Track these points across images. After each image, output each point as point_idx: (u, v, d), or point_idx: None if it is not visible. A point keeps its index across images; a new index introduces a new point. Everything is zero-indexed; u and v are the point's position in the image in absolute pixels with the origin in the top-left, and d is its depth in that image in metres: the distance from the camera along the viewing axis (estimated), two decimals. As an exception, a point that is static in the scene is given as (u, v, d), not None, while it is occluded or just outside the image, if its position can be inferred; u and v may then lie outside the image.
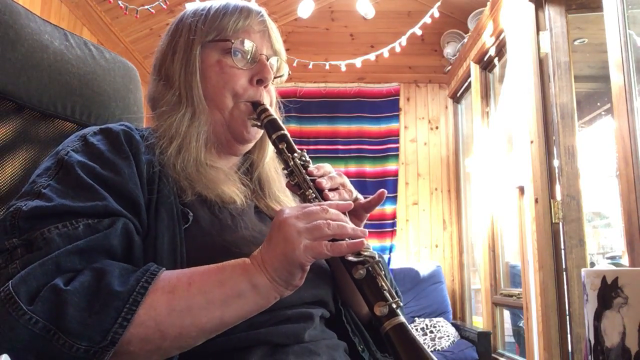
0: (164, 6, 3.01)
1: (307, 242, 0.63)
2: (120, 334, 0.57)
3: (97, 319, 0.57)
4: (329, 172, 0.78)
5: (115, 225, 0.66)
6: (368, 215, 0.82)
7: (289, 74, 0.96)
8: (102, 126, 0.79)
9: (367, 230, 0.69)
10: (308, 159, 0.79)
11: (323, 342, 0.76)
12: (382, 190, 0.79)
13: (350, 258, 0.65)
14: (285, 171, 0.78)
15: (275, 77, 0.90)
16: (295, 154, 0.78)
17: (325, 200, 0.73)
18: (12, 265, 0.60)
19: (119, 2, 2.94)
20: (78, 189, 0.67)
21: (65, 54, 0.97)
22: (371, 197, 0.79)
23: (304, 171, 0.76)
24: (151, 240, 0.70)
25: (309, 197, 0.73)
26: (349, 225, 0.66)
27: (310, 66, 3.86)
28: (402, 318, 0.62)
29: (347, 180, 0.79)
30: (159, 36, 4.29)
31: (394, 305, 0.62)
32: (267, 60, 0.86)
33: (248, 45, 0.84)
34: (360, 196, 0.81)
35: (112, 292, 0.58)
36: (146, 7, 2.96)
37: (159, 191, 0.74)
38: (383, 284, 0.65)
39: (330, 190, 0.75)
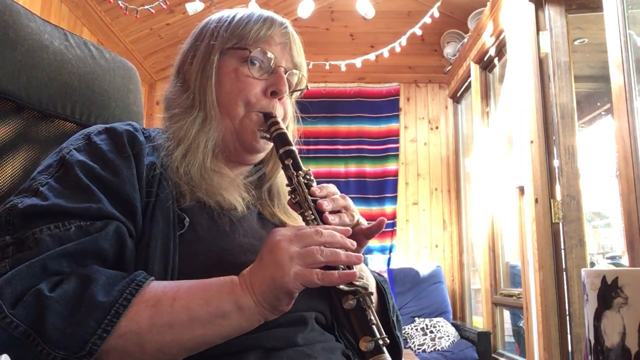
0: (164, 6, 3.01)
1: (298, 268, 0.61)
2: (99, 345, 0.56)
3: (77, 328, 0.56)
4: (332, 194, 0.76)
5: (107, 228, 0.65)
6: (368, 241, 0.80)
7: None
8: (107, 125, 0.78)
9: (362, 255, 0.67)
10: (313, 178, 0.77)
11: (319, 344, 0.75)
12: (381, 218, 0.77)
13: (342, 286, 0.64)
14: (289, 188, 0.77)
15: (294, 91, 0.89)
16: (300, 172, 0.76)
17: (324, 223, 0.71)
18: (1, 264, 0.60)
19: (119, 2, 2.94)
20: (75, 190, 0.67)
21: (65, 54, 0.97)
22: (371, 224, 0.78)
23: (306, 190, 0.74)
24: (144, 245, 0.69)
25: (308, 218, 0.71)
26: (343, 252, 0.64)
27: (310, 66, 3.86)
28: (387, 356, 0.60)
29: (350, 203, 0.77)
30: (159, 36, 4.29)
31: (380, 342, 0.61)
32: (286, 72, 0.85)
33: (266, 55, 0.83)
34: (363, 220, 0.79)
35: (95, 302, 0.58)
36: (146, 7, 2.96)
37: (157, 195, 0.73)
38: (372, 317, 0.63)
39: (332, 212, 0.73)
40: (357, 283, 0.64)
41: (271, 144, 0.85)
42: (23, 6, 0.93)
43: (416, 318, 3.46)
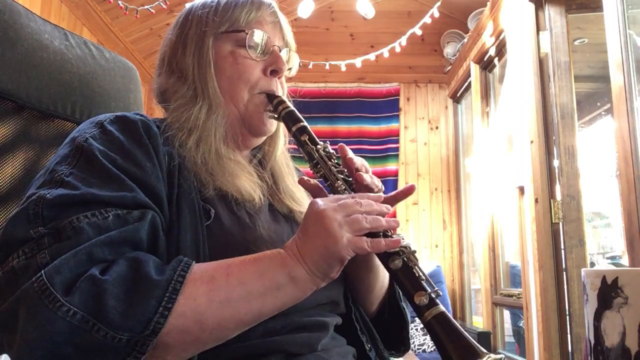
0: (164, 6, 3.01)
1: (349, 236, 0.62)
2: (162, 323, 0.56)
3: (138, 308, 0.55)
4: (362, 165, 0.78)
5: (145, 218, 0.64)
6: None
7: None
8: (118, 114, 0.76)
9: (398, 220, 0.69)
10: (331, 150, 0.78)
11: (334, 349, 0.76)
12: (412, 184, 0.80)
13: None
14: (310, 164, 0.77)
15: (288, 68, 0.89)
16: (319, 146, 0.78)
17: (354, 190, 0.73)
18: (40, 255, 0.57)
19: (119, 2, 2.94)
20: (103, 178, 0.65)
21: (65, 54, 0.97)
22: (398, 190, 0.79)
23: (329, 162, 0.76)
24: (174, 236, 0.68)
25: (339, 188, 0.73)
26: (383, 218, 0.66)
27: (310, 66, 3.86)
28: (442, 307, 0.61)
29: (375, 179, 0.80)
30: (159, 36, 4.30)
31: (433, 295, 0.62)
32: (280, 51, 0.85)
33: (261, 36, 0.83)
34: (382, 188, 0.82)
35: (152, 280, 0.57)
36: (146, 7, 2.96)
37: (179, 185, 0.72)
38: (420, 273, 0.64)
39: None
40: (400, 243, 0.66)
41: (275, 124, 0.86)
42: (23, 6, 0.93)
43: (416, 318, 3.46)
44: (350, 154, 0.78)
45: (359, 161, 0.78)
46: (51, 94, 0.94)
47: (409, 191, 0.79)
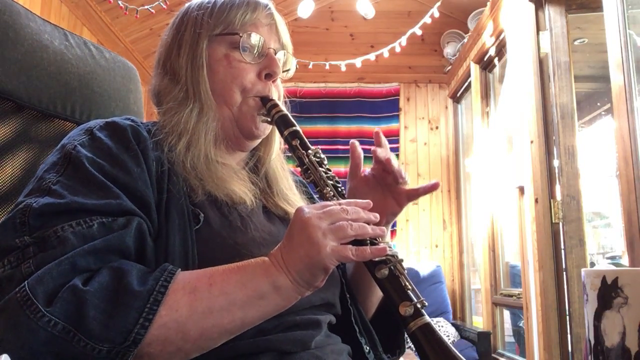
0: (164, 6, 3.01)
1: (333, 244, 0.62)
2: (142, 334, 0.56)
3: (118, 319, 0.55)
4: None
5: (130, 225, 0.64)
6: (409, 202, 0.83)
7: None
8: (108, 120, 0.76)
9: (385, 228, 0.69)
10: (323, 155, 0.78)
11: (328, 347, 0.75)
12: (436, 181, 0.81)
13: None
14: (301, 169, 0.77)
15: (282, 71, 0.89)
16: (310, 151, 0.77)
17: (342, 197, 0.73)
18: (25, 264, 0.58)
19: (119, 2, 2.94)
20: (89, 186, 0.65)
21: (65, 54, 0.97)
22: (422, 185, 0.81)
23: (320, 169, 0.75)
24: (162, 242, 0.68)
25: (327, 195, 0.73)
26: (369, 225, 0.65)
27: (310, 66, 3.86)
28: (427, 318, 0.61)
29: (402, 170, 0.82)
30: (158, 36, 4.28)
31: (419, 305, 0.62)
32: (275, 54, 0.85)
33: (256, 38, 0.82)
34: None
35: (132, 291, 0.57)
36: (146, 7, 2.96)
37: (168, 190, 0.72)
38: (406, 283, 0.64)
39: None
40: (387, 252, 0.65)
41: (269, 128, 0.85)
42: (23, 6, 0.93)
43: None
44: (384, 141, 0.84)
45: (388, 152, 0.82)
46: (51, 94, 0.94)
47: (432, 188, 0.80)
